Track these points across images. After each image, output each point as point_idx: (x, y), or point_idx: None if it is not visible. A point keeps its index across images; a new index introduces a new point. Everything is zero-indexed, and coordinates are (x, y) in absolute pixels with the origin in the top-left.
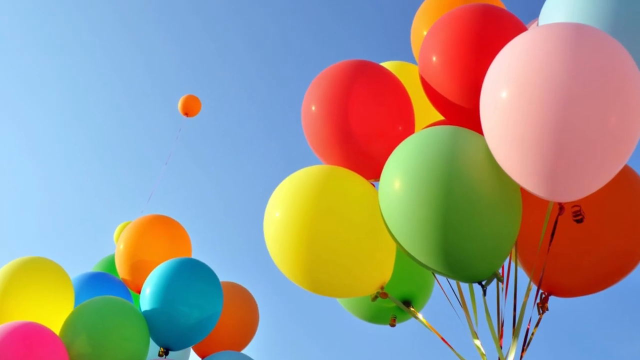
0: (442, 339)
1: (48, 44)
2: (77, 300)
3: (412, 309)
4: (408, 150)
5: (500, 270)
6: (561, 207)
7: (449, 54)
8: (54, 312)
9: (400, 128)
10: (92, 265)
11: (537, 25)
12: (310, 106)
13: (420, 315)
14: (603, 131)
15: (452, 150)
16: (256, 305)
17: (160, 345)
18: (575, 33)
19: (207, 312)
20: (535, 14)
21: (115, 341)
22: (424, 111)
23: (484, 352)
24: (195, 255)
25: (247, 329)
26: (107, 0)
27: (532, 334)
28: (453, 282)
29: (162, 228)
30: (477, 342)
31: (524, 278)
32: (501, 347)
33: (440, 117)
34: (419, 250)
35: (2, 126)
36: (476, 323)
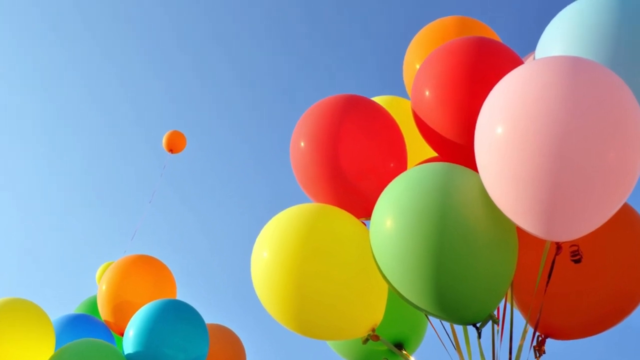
0: None
1: (29, 79)
2: (58, 343)
3: (404, 352)
4: (400, 188)
5: (495, 312)
6: (558, 246)
7: (442, 88)
8: (34, 355)
9: (392, 165)
10: (73, 307)
11: (534, 58)
12: (299, 142)
13: (412, 359)
14: (601, 167)
15: (446, 188)
16: (243, 348)
17: None
18: (572, 66)
19: (192, 355)
20: (531, 47)
21: None
22: (417, 147)
23: None
24: (180, 296)
25: None
26: (90, 34)
27: None
28: (447, 324)
29: (145, 268)
30: None
31: (520, 320)
32: None
33: (434, 154)
34: (412, 291)
35: None
36: None
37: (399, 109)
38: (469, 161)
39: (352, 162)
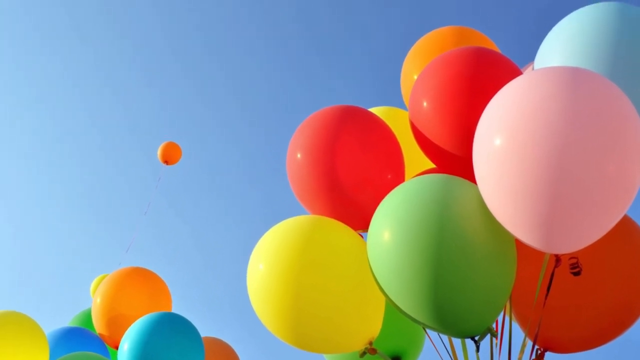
0: None
1: (22, 91)
2: (52, 356)
3: None
4: (398, 200)
5: (494, 325)
6: (558, 259)
7: (440, 99)
8: None
9: (389, 176)
10: (67, 320)
11: (533, 69)
12: (296, 153)
13: None
14: (601, 179)
15: (444, 200)
16: None
17: None
18: (572, 77)
19: None
20: (530, 57)
21: None
22: (415, 159)
23: None
24: (176, 309)
25: None
26: (84, 45)
27: None
28: (445, 337)
29: (140, 281)
30: None
31: (518, 333)
32: None
33: (432, 165)
34: (409, 304)
35: None
36: None
37: (396, 120)
38: (467, 173)
39: (349, 174)
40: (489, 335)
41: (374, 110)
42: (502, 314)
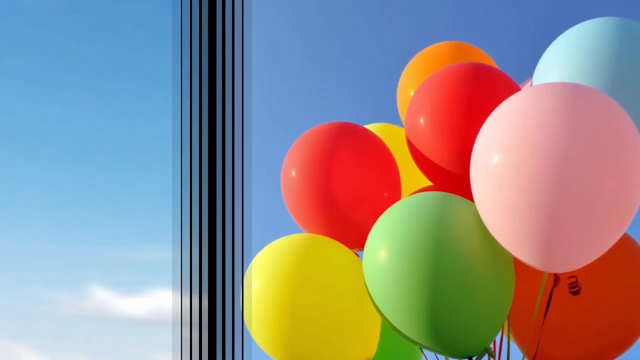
0: None
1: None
2: None
3: None
4: (394, 218)
5: (491, 345)
6: (556, 278)
7: (437, 116)
8: None
9: (385, 194)
10: None
11: (531, 84)
12: (290, 171)
13: None
14: (601, 194)
15: (441, 218)
16: None
17: None
18: (571, 93)
19: None
20: (529, 73)
21: None
22: (411, 176)
23: None
24: None
25: None
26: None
27: None
28: (442, 358)
29: None
30: None
31: (517, 353)
32: None
33: (428, 183)
34: (406, 323)
35: None
36: None
37: (392, 137)
38: (465, 190)
39: (344, 191)
40: (486, 356)
41: (370, 126)
42: (499, 333)
